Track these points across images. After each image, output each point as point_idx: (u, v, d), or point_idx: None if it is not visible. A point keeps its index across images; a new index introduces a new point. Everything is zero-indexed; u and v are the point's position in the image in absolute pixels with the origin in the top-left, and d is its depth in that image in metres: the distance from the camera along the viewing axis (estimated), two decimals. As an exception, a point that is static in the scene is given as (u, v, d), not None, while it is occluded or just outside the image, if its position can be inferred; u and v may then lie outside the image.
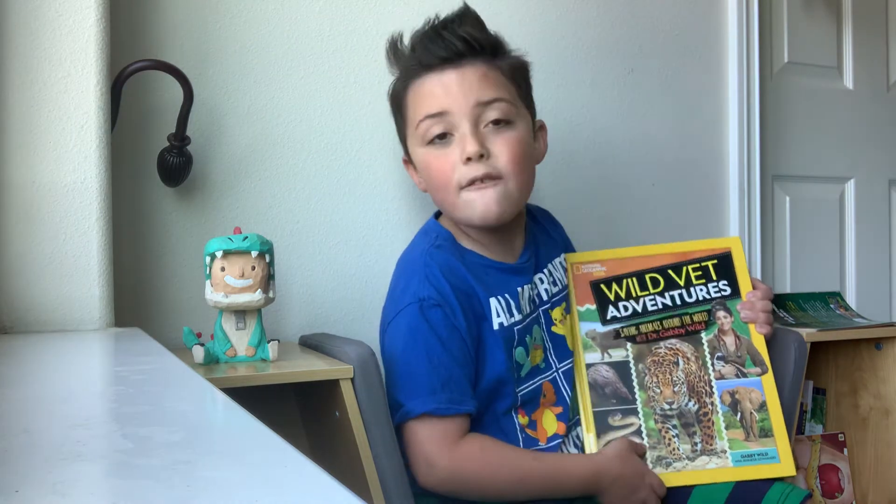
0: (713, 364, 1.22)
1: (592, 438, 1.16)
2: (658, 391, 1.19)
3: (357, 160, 1.38)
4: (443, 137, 1.13)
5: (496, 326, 1.12)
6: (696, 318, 1.24)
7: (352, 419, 1.02)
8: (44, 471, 0.42)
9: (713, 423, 1.18)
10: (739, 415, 1.19)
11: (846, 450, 1.49)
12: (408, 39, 1.19)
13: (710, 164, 1.72)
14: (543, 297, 1.21)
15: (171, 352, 0.86)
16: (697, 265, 1.26)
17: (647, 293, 1.25)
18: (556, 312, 1.22)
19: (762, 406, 1.19)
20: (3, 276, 1.04)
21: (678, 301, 1.25)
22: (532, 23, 1.52)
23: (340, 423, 1.05)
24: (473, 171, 1.11)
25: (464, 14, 1.17)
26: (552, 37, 1.54)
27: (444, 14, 1.19)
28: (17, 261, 1.05)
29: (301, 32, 1.34)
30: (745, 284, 1.25)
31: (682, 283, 1.26)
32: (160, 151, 1.21)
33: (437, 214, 1.24)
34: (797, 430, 1.43)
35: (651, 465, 1.15)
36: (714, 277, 1.25)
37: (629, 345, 1.22)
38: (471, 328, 1.10)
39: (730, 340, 1.23)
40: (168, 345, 0.97)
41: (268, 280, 1.08)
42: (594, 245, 1.39)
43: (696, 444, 1.17)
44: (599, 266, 1.26)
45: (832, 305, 1.56)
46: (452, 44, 1.12)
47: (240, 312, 1.08)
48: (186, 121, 1.20)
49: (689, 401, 1.19)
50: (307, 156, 1.35)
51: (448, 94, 1.12)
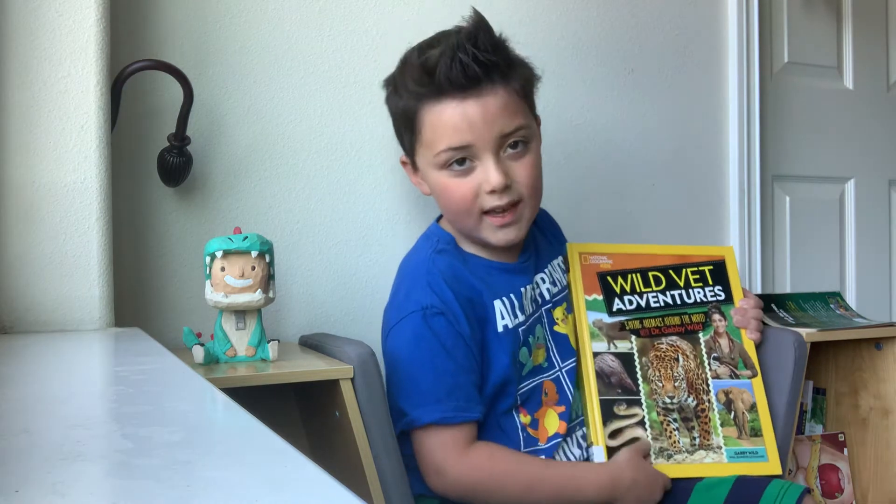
0: (709, 363, 1.25)
1: (599, 425, 1.16)
2: (660, 385, 1.22)
3: (357, 160, 1.38)
4: (462, 163, 1.12)
5: (500, 329, 1.13)
6: (695, 319, 1.28)
7: (352, 419, 1.02)
8: (44, 471, 0.42)
9: (710, 420, 1.22)
10: (733, 413, 1.23)
11: (846, 450, 1.49)
12: (421, 55, 1.12)
13: (710, 164, 1.72)
14: (546, 297, 1.21)
15: (171, 352, 0.86)
16: (695, 268, 1.31)
17: (650, 290, 1.28)
18: (558, 312, 1.22)
19: (752, 407, 1.24)
20: (3, 276, 1.04)
21: (678, 301, 1.28)
22: (532, 23, 1.52)
23: (340, 423, 1.05)
24: (497, 201, 1.11)
25: (477, 31, 1.11)
26: (552, 37, 1.54)
27: (448, 22, 1.15)
28: (17, 261, 1.05)
29: (301, 32, 1.34)
30: (738, 291, 1.31)
31: (682, 285, 1.30)
32: (160, 151, 1.21)
33: (439, 218, 1.24)
34: (797, 430, 1.43)
35: (653, 457, 1.16)
36: (710, 282, 1.31)
37: (633, 337, 1.23)
38: (475, 333, 1.10)
39: (724, 342, 1.27)
40: (168, 345, 0.97)
41: (268, 280, 1.08)
42: (595, 241, 1.39)
43: (695, 439, 1.20)
44: (606, 258, 1.27)
45: (832, 305, 1.56)
46: (471, 68, 1.07)
47: (240, 312, 1.08)
48: (186, 121, 1.20)
49: (688, 396, 1.22)
50: (307, 156, 1.35)
51: (472, 129, 1.09)
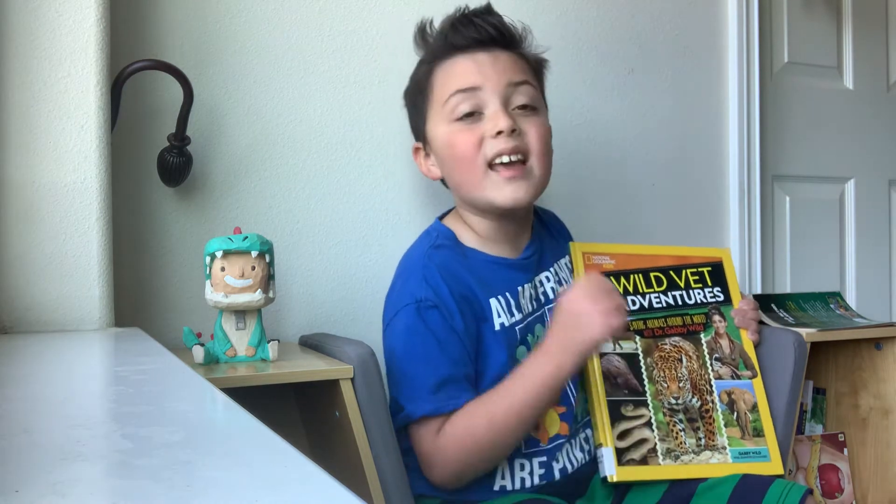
0: (712, 364, 1.25)
1: (607, 426, 1.15)
2: (665, 385, 1.21)
3: (357, 160, 1.38)
4: (470, 115, 1.13)
5: (497, 327, 1.13)
6: (696, 320, 1.28)
7: (352, 419, 1.02)
8: (44, 471, 0.42)
9: (714, 420, 1.21)
10: (736, 414, 1.23)
11: (846, 450, 1.49)
12: (437, 24, 1.21)
13: (710, 164, 1.72)
14: (550, 296, 1.21)
15: (171, 352, 0.86)
16: (695, 269, 1.31)
17: (653, 290, 1.27)
18: None
19: (754, 407, 1.24)
20: (3, 276, 1.04)
21: (679, 301, 1.28)
22: (532, 23, 1.51)
23: (340, 423, 1.05)
24: (503, 144, 1.11)
25: (489, 8, 1.20)
26: (552, 37, 1.54)
27: (445, 13, 1.19)
28: (17, 261, 1.05)
29: (301, 32, 1.34)
30: (736, 293, 1.31)
31: (682, 286, 1.30)
32: (160, 151, 1.21)
33: (442, 216, 1.24)
34: (797, 430, 1.43)
35: (661, 458, 1.15)
36: (709, 283, 1.31)
37: (638, 338, 1.23)
38: (469, 329, 1.10)
39: (725, 343, 1.28)
40: (168, 345, 0.97)
41: (268, 280, 1.08)
42: (597, 242, 1.39)
43: (700, 440, 1.19)
44: (608, 259, 1.27)
45: (832, 305, 1.56)
46: (485, 29, 1.15)
47: (240, 312, 1.08)
48: (186, 121, 1.20)
49: (693, 397, 1.22)
50: (307, 156, 1.35)
51: (481, 72, 1.13)
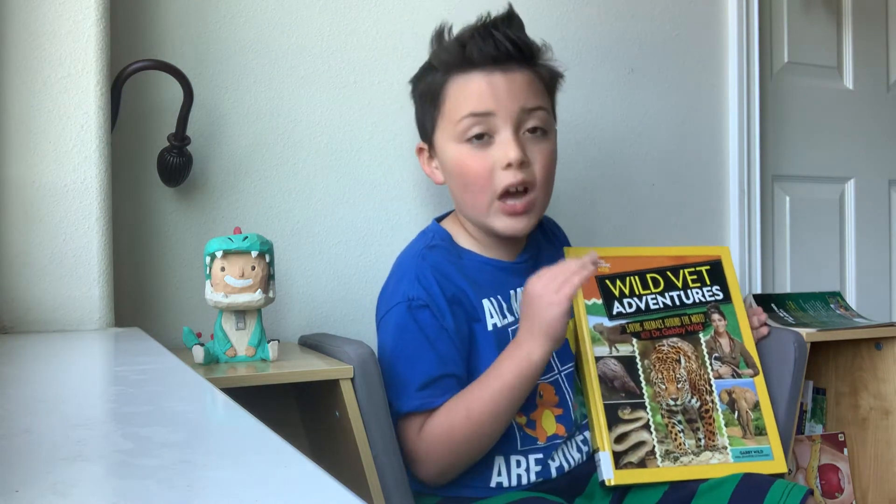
0: (711, 364, 1.25)
1: (604, 430, 1.15)
2: (663, 387, 1.21)
3: (357, 160, 1.38)
4: (480, 138, 1.12)
5: (490, 327, 1.13)
6: (694, 319, 1.27)
7: (352, 419, 1.02)
8: (44, 471, 0.42)
9: (714, 420, 1.21)
10: (737, 413, 1.23)
11: (846, 450, 1.49)
12: (455, 32, 1.18)
13: (710, 164, 1.72)
14: None
15: (171, 352, 0.86)
16: (693, 269, 1.31)
17: (649, 292, 1.27)
18: None
19: (756, 405, 1.24)
20: (3, 276, 1.04)
21: (677, 302, 1.28)
22: (532, 23, 1.51)
23: (340, 423, 1.05)
24: (512, 177, 1.11)
25: (510, 16, 1.17)
26: (552, 37, 1.53)
27: (463, 16, 1.19)
28: (17, 261, 1.05)
29: (301, 32, 1.34)
30: (735, 290, 1.30)
31: (680, 286, 1.29)
32: (160, 151, 1.21)
33: (440, 218, 1.24)
34: (797, 430, 1.43)
35: (660, 460, 1.15)
36: (708, 282, 1.30)
37: (634, 340, 1.23)
38: (460, 329, 1.10)
39: (724, 342, 1.27)
40: (168, 345, 0.97)
41: (268, 280, 1.08)
42: (595, 245, 1.39)
43: (700, 440, 1.19)
44: (603, 262, 1.27)
45: (832, 305, 1.56)
46: (503, 45, 1.12)
47: (240, 312, 1.08)
48: (186, 121, 1.20)
49: (692, 398, 1.22)
50: (307, 156, 1.35)
51: (495, 97, 1.11)
